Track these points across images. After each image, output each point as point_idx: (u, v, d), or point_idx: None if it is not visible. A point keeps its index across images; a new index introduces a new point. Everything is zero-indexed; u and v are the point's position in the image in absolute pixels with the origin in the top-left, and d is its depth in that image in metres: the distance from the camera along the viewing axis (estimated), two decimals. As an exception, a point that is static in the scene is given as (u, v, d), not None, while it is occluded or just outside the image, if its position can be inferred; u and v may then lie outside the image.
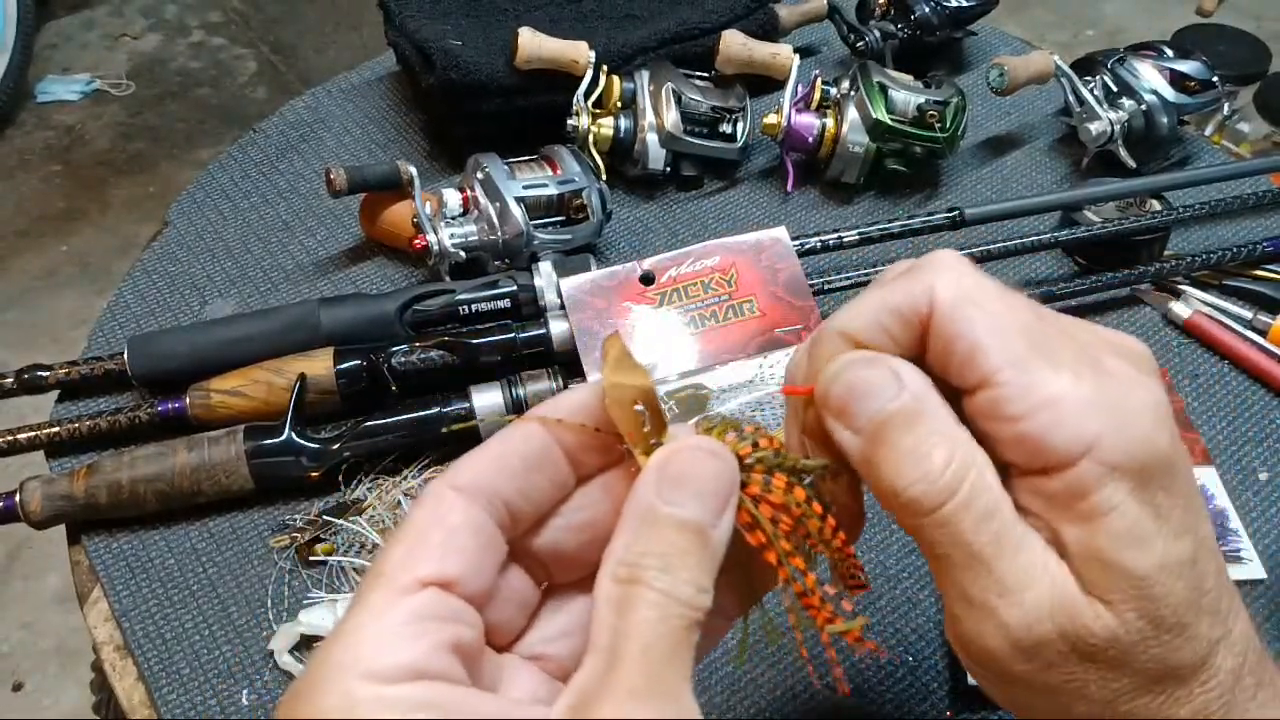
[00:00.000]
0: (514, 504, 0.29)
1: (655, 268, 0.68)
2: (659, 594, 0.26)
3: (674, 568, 0.26)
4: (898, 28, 0.91)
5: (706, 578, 0.27)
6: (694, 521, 0.27)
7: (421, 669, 0.25)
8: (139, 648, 0.56)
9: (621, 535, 0.27)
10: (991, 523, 0.29)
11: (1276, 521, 0.61)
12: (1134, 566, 0.28)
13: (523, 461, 0.29)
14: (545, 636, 0.31)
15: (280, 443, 0.60)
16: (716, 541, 0.28)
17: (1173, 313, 0.72)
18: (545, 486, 0.30)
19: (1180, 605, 0.29)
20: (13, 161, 2.30)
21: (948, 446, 0.29)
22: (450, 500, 0.28)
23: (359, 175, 0.73)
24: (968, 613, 0.30)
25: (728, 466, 0.29)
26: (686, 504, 0.27)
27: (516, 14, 0.89)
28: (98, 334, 0.73)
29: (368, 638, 0.26)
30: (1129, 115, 0.81)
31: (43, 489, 0.59)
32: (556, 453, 0.30)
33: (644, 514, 0.27)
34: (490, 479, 0.29)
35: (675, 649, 0.26)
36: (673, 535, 0.27)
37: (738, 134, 0.81)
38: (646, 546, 0.27)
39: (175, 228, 0.81)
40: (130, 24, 2.69)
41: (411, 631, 0.26)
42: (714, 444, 0.29)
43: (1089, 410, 0.29)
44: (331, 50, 2.61)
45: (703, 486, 0.28)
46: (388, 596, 0.27)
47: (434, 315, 0.68)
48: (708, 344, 0.66)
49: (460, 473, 0.29)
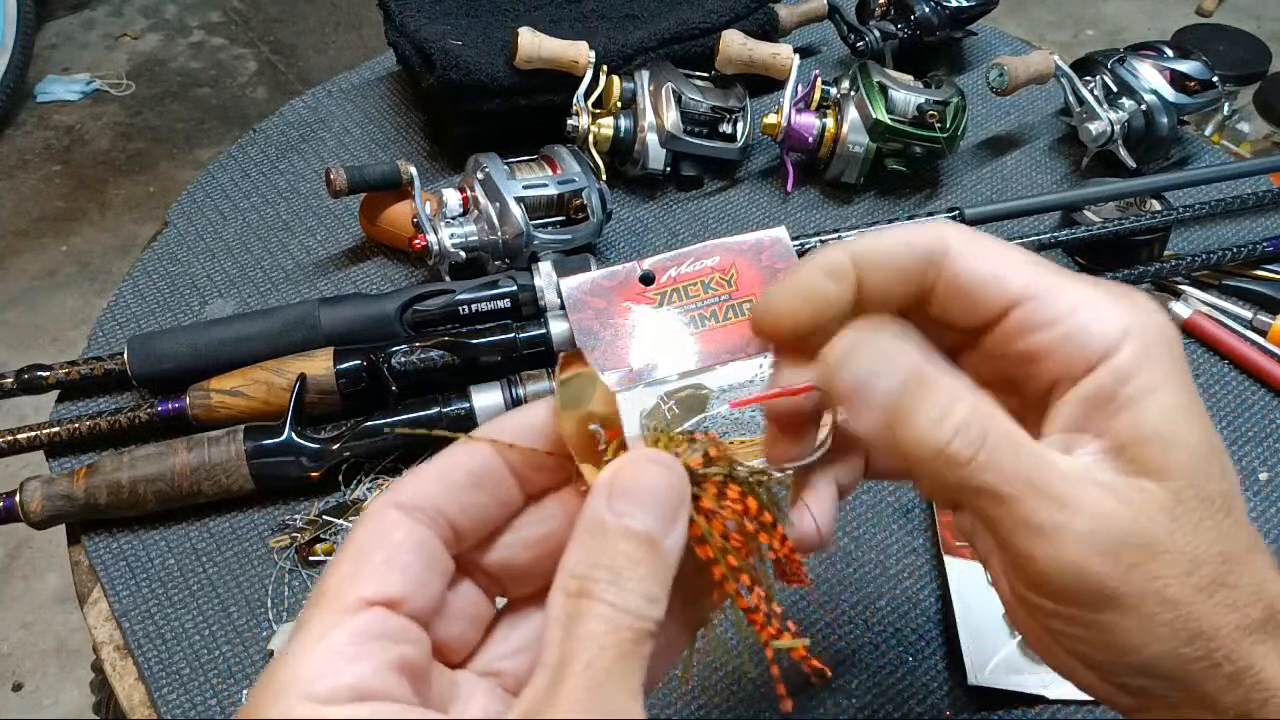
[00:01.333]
0: (458, 521, 0.29)
1: (655, 268, 0.68)
2: (607, 606, 0.26)
3: (623, 579, 0.26)
4: (898, 28, 0.91)
5: (658, 588, 0.27)
6: (643, 531, 0.27)
7: (365, 690, 0.25)
8: (139, 648, 0.56)
9: (572, 549, 0.27)
10: (1026, 450, 0.30)
11: (1276, 521, 0.61)
12: (1186, 438, 0.30)
13: (467, 478, 0.30)
14: (501, 653, 0.31)
15: (280, 443, 0.60)
16: (667, 551, 0.28)
17: (1173, 313, 0.72)
18: (490, 504, 0.30)
19: (1223, 484, 0.31)
20: (13, 161, 2.30)
21: (964, 400, 0.30)
22: (393, 518, 0.28)
23: (359, 175, 0.73)
24: (1040, 541, 0.30)
25: (677, 477, 0.29)
26: (635, 514, 0.27)
27: (516, 14, 0.89)
28: (98, 334, 0.73)
29: (310, 659, 0.25)
30: (1129, 115, 0.81)
31: (43, 489, 0.59)
32: (502, 471, 0.30)
33: (594, 526, 0.27)
34: (433, 496, 0.29)
35: (622, 662, 0.26)
36: (622, 546, 0.27)
37: (738, 134, 0.81)
38: (596, 559, 0.27)
39: (175, 228, 0.81)
40: (130, 24, 2.69)
41: (354, 652, 0.26)
42: (662, 456, 0.29)
43: (1114, 305, 0.31)
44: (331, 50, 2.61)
45: (651, 497, 0.28)
46: (331, 616, 0.26)
47: (434, 315, 0.68)
48: (708, 344, 0.66)
49: (402, 490, 0.29)
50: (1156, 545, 0.30)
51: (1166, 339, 0.31)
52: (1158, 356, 0.31)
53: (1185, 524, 0.30)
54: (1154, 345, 0.31)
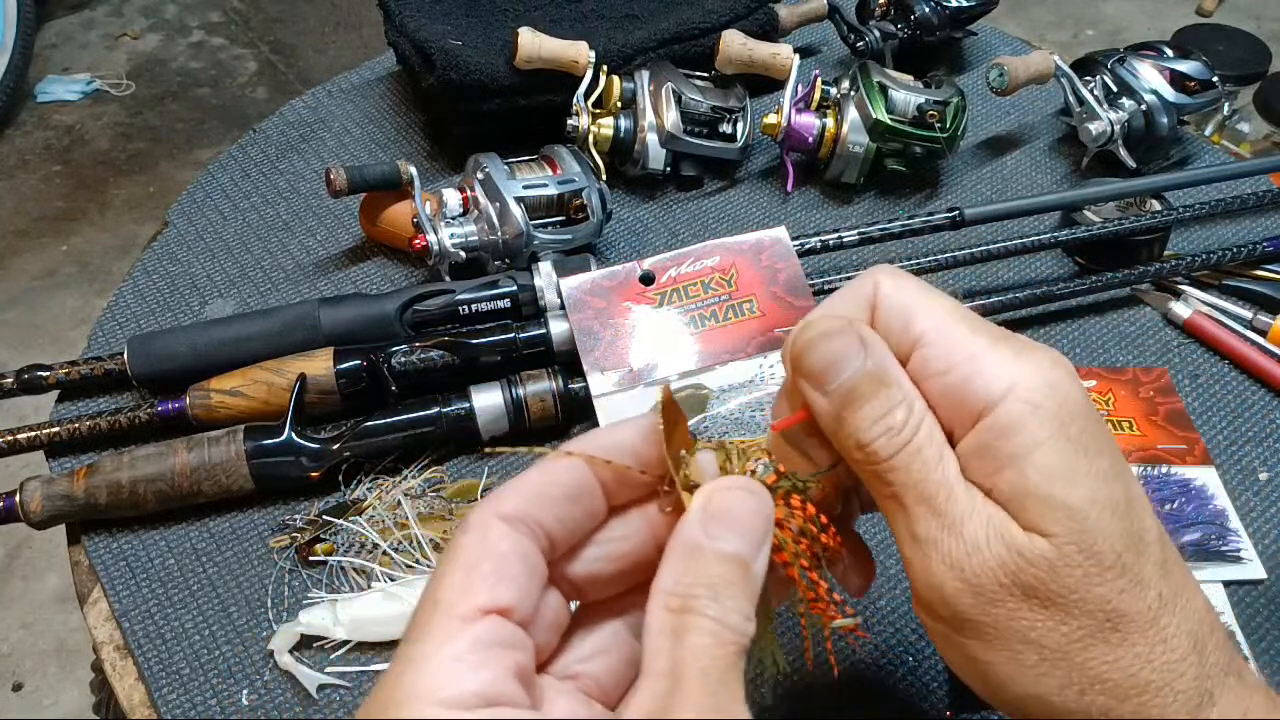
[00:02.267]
0: (554, 532, 0.31)
1: (655, 268, 0.68)
2: (712, 621, 0.27)
3: (722, 597, 0.28)
4: (898, 28, 0.91)
5: (750, 607, 0.29)
6: (735, 554, 0.29)
7: (491, 696, 0.26)
8: (139, 648, 0.56)
9: (669, 568, 0.29)
10: (936, 469, 0.32)
11: (1276, 521, 0.61)
12: (1065, 498, 0.31)
13: (563, 492, 0.31)
14: (579, 656, 0.32)
15: (280, 443, 0.60)
16: (756, 573, 0.29)
17: (1173, 313, 0.72)
18: (582, 516, 0.32)
19: (1118, 543, 0.31)
20: (13, 161, 2.30)
21: (906, 406, 0.32)
22: (498, 529, 0.29)
23: (359, 175, 0.73)
24: (917, 552, 0.32)
25: (765, 504, 0.31)
26: (729, 539, 0.29)
27: (516, 14, 0.89)
28: (98, 334, 0.73)
29: (439, 665, 0.27)
30: (1129, 115, 0.81)
31: (43, 489, 0.59)
32: (594, 485, 0.32)
33: (691, 549, 0.29)
34: (532, 508, 0.30)
35: (730, 672, 0.27)
36: (719, 568, 0.28)
37: (738, 134, 0.81)
38: (695, 578, 0.28)
39: (175, 228, 0.81)
40: (130, 24, 2.69)
41: (478, 659, 0.27)
42: (752, 484, 0.31)
43: (1006, 361, 0.32)
44: (331, 50, 2.61)
45: (744, 523, 0.30)
46: (450, 624, 0.27)
47: (434, 315, 0.68)
48: (708, 344, 0.66)
49: (504, 501, 0.30)
50: (1026, 588, 0.31)
51: (1058, 395, 0.31)
52: (1043, 413, 0.31)
53: (1067, 578, 0.30)
54: (1040, 401, 0.31)
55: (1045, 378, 0.32)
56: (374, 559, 0.58)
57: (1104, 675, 0.31)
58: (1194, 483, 0.62)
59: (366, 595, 0.56)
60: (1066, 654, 0.31)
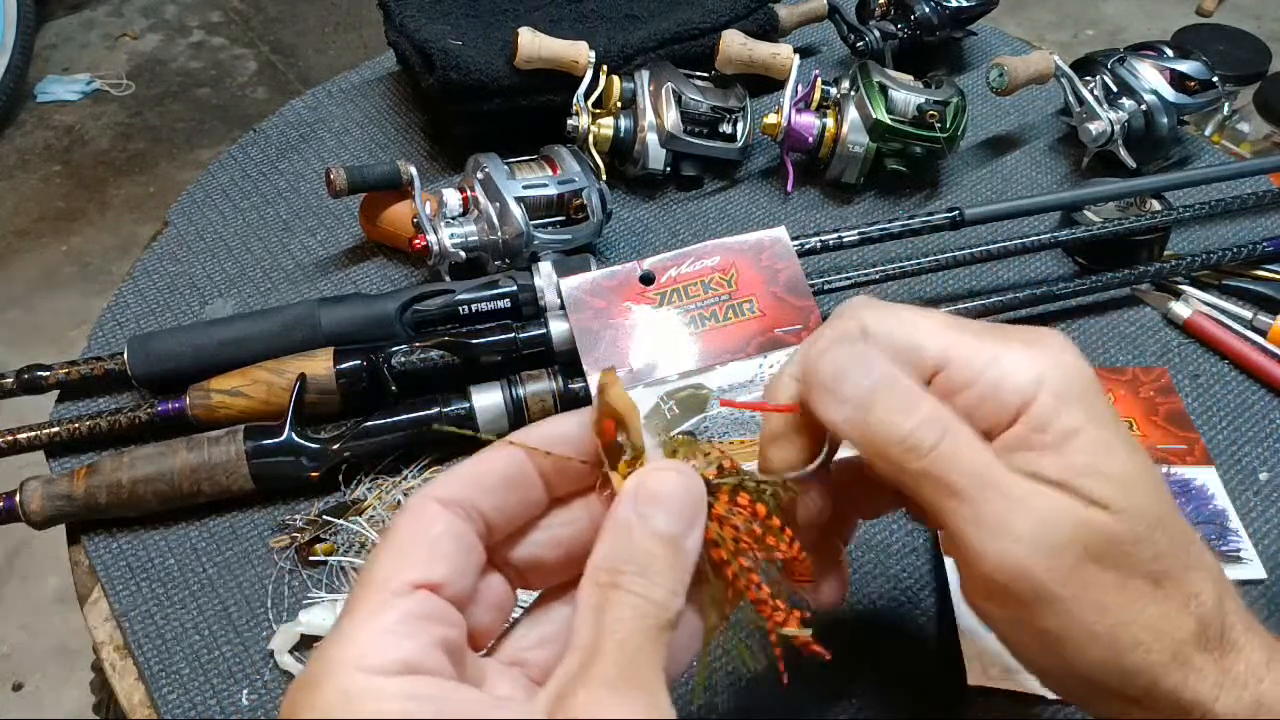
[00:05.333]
0: (490, 517, 0.32)
1: (655, 268, 0.68)
2: (635, 596, 0.29)
3: (649, 573, 0.29)
4: (898, 28, 0.91)
5: (679, 584, 0.30)
6: (665, 532, 0.30)
7: (414, 664, 0.27)
8: (139, 648, 0.56)
9: (601, 546, 0.30)
10: (984, 452, 0.33)
11: (1276, 521, 0.61)
12: (1113, 470, 0.32)
13: (500, 480, 0.32)
14: (524, 644, 0.34)
15: (280, 443, 0.60)
16: (687, 551, 0.31)
17: (1173, 313, 0.72)
18: (519, 504, 0.33)
19: (1160, 503, 0.33)
20: (13, 161, 2.30)
21: (928, 401, 0.33)
22: (433, 510, 0.31)
23: (359, 175, 0.73)
24: (985, 536, 0.32)
25: (695, 485, 0.32)
26: (658, 516, 0.30)
27: (516, 14, 0.89)
28: (98, 334, 0.73)
29: (363, 636, 0.28)
30: (1129, 115, 0.81)
31: (43, 489, 0.59)
32: (532, 474, 0.33)
33: (621, 526, 0.30)
34: (468, 493, 0.32)
35: (649, 645, 0.28)
36: (648, 544, 0.30)
37: (738, 134, 0.81)
38: (625, 555, 0.30)
39: (175, 228, 0.81)
40: (130, 24, 2.69)
41: (404, 630, 0.28)
42: (682, 465, 0.32)
43: (1025, 357, 0.34)
44: (331, 50, 2.61)
45: (673, 502, 0.31)
46: (380, 598, 0.29)
47: (434, 315, 0.68)
48: (708, 344, 0.66)
49: (440, 486, 0.31)
50: (1095, 554, 0.32)
51: (1079, 379, 0.34)
52: (1072, 399, 0.33)
53: (1123, 540, 0.32)
54: (1066, 390, 0.33)
55: (1065, 361, 0.34)
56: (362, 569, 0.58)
57: (1161, 631, 0.32)
58: (1194, 483, 0.62)
59: (366, 595, 0.56)
60: (1131, 614, 0.32)
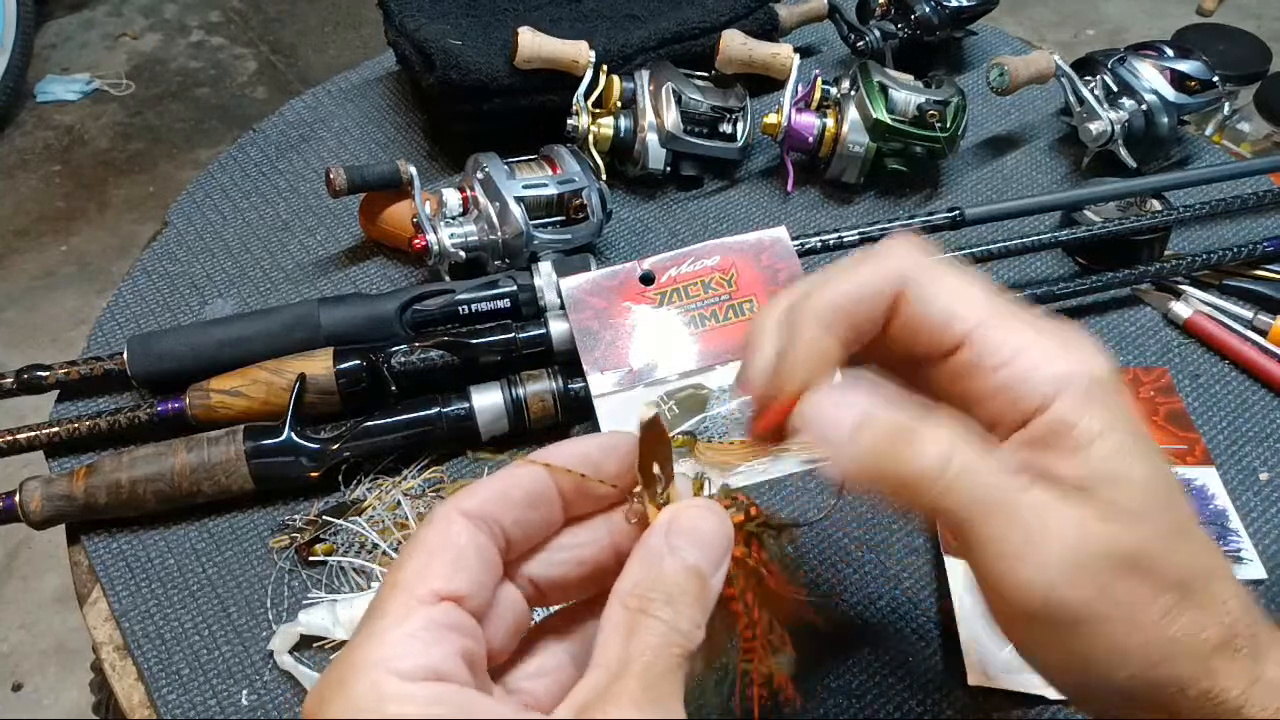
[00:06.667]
0: (510, 532, 0.33)
1: (655, 268, 0.68)
2: (663, 624, 0.29)
3: (676, 603, 0.30)
4: (898, 27, 0.91)
5: (702, 617, 0.30)
6: (694, 566, 0.31)
7: (440, 671, 0.28)
8: (139, 648, 0.56)
9: (630, 572, 0.31)
10: (996, 472, 0.32)
11: (1276, 521, 0.61)
12: (1137, 476, 0.32)
13: (525, 497, 0.33)
14: (525, 674, 0.34)
15: (280, 443, 0.60)
16: (712, 588, 0.31)
17: (1173, 313, 0.72)
18: (538, 521, 0.34)
19: (1183, 511, 0.32)
20: (12, 161, 2.30)
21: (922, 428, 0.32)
22: (460, 523, 0.31)
23: (359, 175, 0.73)
24: (1012, 565, 0.31)
25: (726, 527, 0.33)
26: (690, 551, 0.31)
27: (516, 14, 0.89)
28: (97, 334, 0.73)
29: (392, 640, 0.28)
30: (1129, 115, 0.81)
31: (42, 489, 0.59)
32: (554, 493, 0.34)
33: (653, 555, 0.31)
34: (493, 508, 0.32)
35: (672, 672, 0.29)
36: (678, 576, 0.30)
37: (738, 134, 0.81)
38: (654, 583, 0.30)
39: (175, 228, 0.81)
40: (130, 24, 2.69)
41: (430, 637, 0.29)
42: (716, 506, 0.33)
43: (1056, 352, 0.33)
44: (331, 50, 2.61)
45: (705, 539, 0.32)
46: (407, 604, 0.29)
47: (434, 315, 0.68)
48: (708, 344, 0.65)
49: (467, 499, 0.32)
50: (1125, 569, 0.31)
51: (1104, 384, 0.33)
52: (1097, 403, 0.32)
53: (1152, 550, 0.31)
54: (1092, 392, 0.32)
55: (1093, 365, 0.33)
56: (374, 559, 0.58)
57: (1192, 641, 0.31)
58: (1194, 483, 0.62)
59: (366, 595, 0.56)
60: (1163, 627, 0.31)
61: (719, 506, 0.33)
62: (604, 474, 0.34)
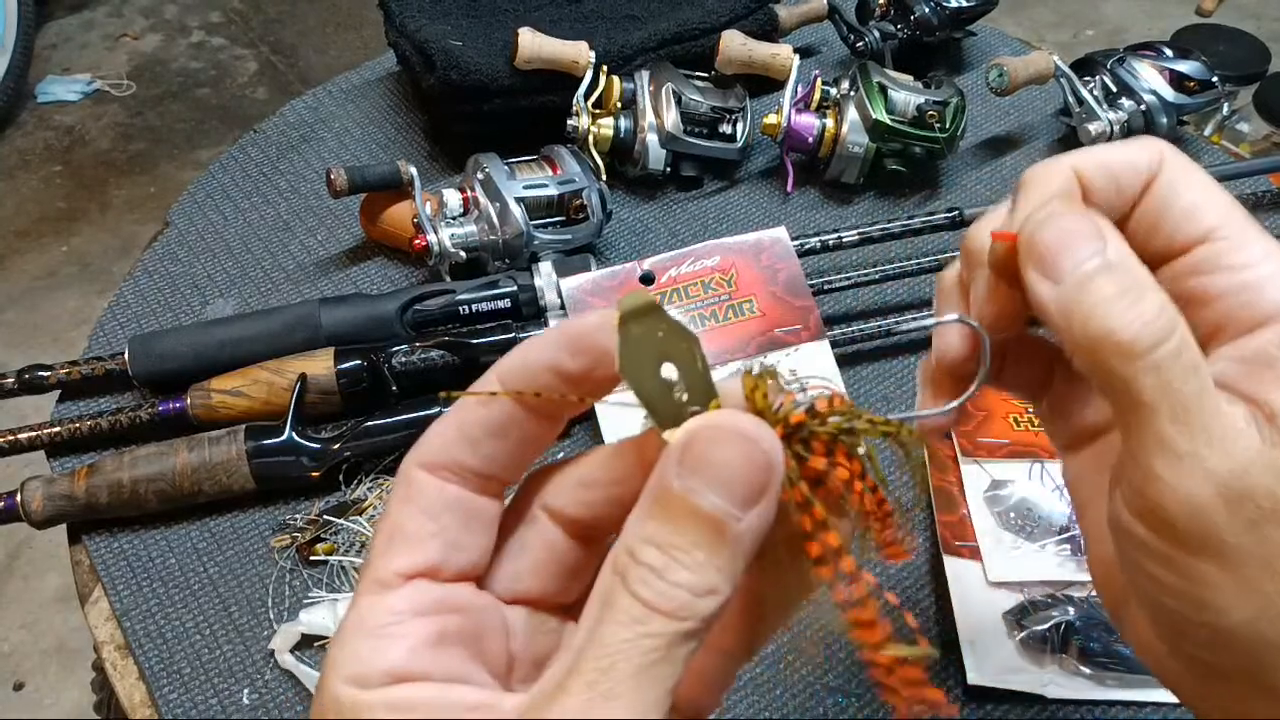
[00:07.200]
0: (485, 470, 0.28)
1: (655, 268, 0.68)
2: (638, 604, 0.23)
3: (674, 566, 0.23)
4: (898, 28, 0.91)
5: (720, 580, 0.23)
6: (709, 513, 0.23)
7: (400, 672, 0.25)
8: (140, 647, 0.56)
9: (633, 516, 0.24)
10: (1199, 373, 0.29)
11: (1276, 521, 0.61)
12: None
13: (484, 430, 0.28)
14: None
15: (281, 442, 0.60)
16: (739, 537, 0.24)
17: (1172, 313, 0.72)
18: (514, 448, 0.28)
19: None
20: (13, 161, 2.31)
21: (1157, 294, 0.29)
22: (419, 480, 0.27)
23: (359, 175, 0.73)
24: (1171, 466, 0.29)
25: (763, 452, 0.24)
26: (703, 493, 0.23)
27: (517, 14, 0.89)
28: (98, 334, 0.73)
29: (350, 642, 0.26)
30: (1128, 115, 0.81)
31: (43, 489, 0.59)
32: (520, 413, 0.28)
33: (659, 496, 0.24)
34: (454, 451, 0.27)
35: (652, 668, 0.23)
36: (683, 524, 0.23)
37: (738, 134, 0.81)
38: (652, 534, 0.24)
39: (175, 228, 0.81)
40: (130, 24, 2.69)
41: (391, 632, 0.26)
42: (749, 422, 0.24)
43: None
44: (331, 50, 2.61)
45: (728, 473, 0.24)
46: (370, 597, 0.26)
47: (434, 315, 0.68)
48: (708, 344, 0.66)
49: (422, 449, 0.28)
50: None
51: None
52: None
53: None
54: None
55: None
56: (374, 559, 0.58)
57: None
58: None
59: (367, 595, 0.56)
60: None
61: (753, 421, 0.24)
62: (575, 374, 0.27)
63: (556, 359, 0.27)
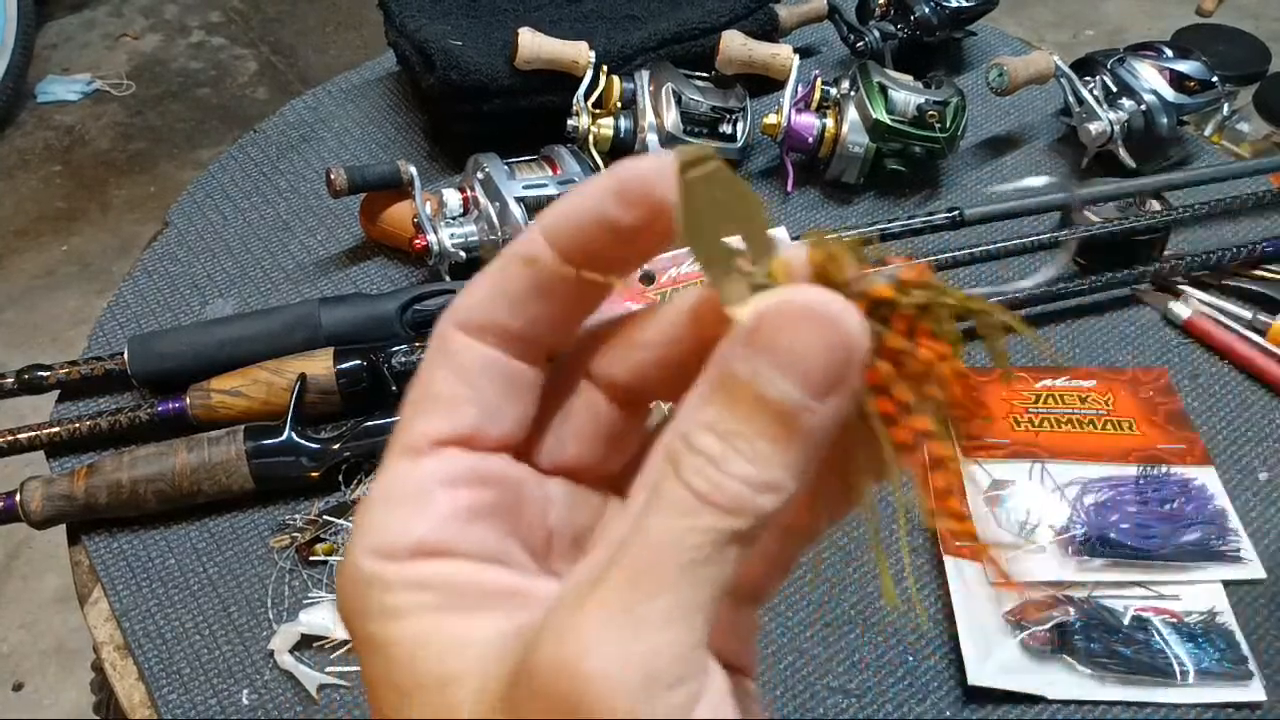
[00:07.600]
0: (528, 334, 0.25)
1: (655, 268, 0.68)
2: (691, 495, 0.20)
3: (735, 455, 0.20)
4: (898, 28, 0.91)
5: (782, 473, 0.21)
6: (778, 402, 0.20)
7: (429, 545, 0.23)
8: (139, 647, 0.56)
9: (693, 395, 0.21)
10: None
11: (1276, 521, 0.61)
12: None
13: (526, 289, 0.24)
14: None
15: (280, 443, 0.60)
16: (810, 430, 0.21)
17: (1172, 313, 0.72)
18: (559, 310, 0.25)
19: None
20: (13, 161, 2.30)
21: None
22: (457, 340, 0.24)
23: (359, 175, 0.73)
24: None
25: (845, 335, 0.21)
26: (774, 378, 0.21)
27: (516, 14, 0.89)
28: (98, 334, 0.73)
29: (374, 510, 0.23)
30: (1129, 115, 0.81)
31: (43, 489, 0.59)
32: (568, 270, 0.24)
33: (723, 377, 0.21)
34: (492, 310, 0.24)
35: (696, 566, 0.20)
36: (749, 411, 0.21)
37: (738, 134, 0.81)
38: (712, 420, 0.21)
39: (175, 228, 0.81)
40: (130, 24, 2.69)
41: (418, 502, 0.23)
42: (832, 303, 0.21)
43: None
44: (331, 50, 2.61)
45: (802, 359, 0.21)
46: (398, 463, 0.24)
47: (434, 315, 0.68)
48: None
49: (461, 308, 0.24)
50: None
51: None
52: None
53: None
54: None
55: None
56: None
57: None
58: (1194, 482, 0.62)
59: (367, 595, 0.56)
60: None
61: (838, 301, 0.21)
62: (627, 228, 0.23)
63: (606, 210, 0.23)
